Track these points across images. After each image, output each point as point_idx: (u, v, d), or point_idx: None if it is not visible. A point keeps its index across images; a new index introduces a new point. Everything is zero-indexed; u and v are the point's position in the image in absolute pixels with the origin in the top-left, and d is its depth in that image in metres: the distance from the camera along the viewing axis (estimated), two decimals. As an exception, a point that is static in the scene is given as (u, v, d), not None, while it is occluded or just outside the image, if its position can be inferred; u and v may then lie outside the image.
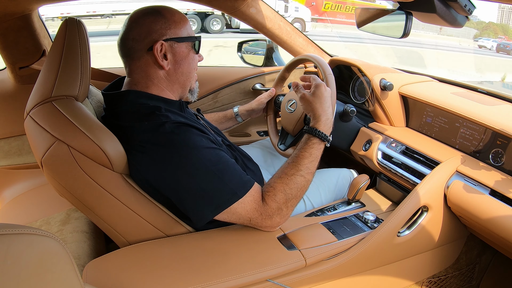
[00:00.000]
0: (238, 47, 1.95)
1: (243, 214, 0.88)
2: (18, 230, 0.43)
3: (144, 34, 0.91)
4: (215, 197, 0.84)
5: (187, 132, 0.86)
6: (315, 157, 0.97)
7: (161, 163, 0.83)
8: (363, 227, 1.03)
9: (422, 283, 1.20)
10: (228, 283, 0.79)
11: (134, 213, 0.88)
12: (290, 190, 0.91)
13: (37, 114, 0.83)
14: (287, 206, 0.91)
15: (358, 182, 1.12)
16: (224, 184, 0.84)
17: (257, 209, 0.88)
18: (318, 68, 1.53)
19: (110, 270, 0.80)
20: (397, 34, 1.08)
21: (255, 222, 0.90)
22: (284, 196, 0.90)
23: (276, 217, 0.90)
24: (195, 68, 1.02)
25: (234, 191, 0.85)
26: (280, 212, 0.90)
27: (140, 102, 0.92)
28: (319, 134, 0.99)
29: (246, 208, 0.87)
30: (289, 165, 0.95)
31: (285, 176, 0.93)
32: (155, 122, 0.85)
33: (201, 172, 0.84)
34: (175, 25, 0.93)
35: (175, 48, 0.94)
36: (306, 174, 0.94)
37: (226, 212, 0.86)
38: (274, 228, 0.94)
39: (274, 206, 0.89)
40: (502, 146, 1.02)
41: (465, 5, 0.85)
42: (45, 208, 1.23)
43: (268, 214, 0.89)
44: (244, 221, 0.90)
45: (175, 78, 0.97)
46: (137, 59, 0.93)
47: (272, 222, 0.90)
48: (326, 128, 1.01)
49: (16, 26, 1.26)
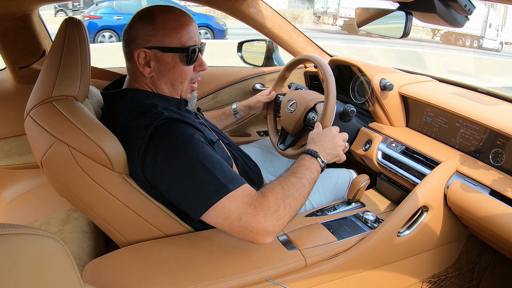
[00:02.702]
0: (238, 47, 1.95)
1: (233, 209, 0.79)
2: (18, 230, 0.43)
3: (132, 38, 0.92)
4: (205, 189, 0.80)
5: (179, 127, 0.85)
6: (312, 170, 0.95)
7: (155, 158, 0.83)
8: (363, 227, 1.04)
9: (422, 283, 1.20)
10: (228, 283, 0.79)
11: (134, 213, 0.88)
12: (287, 187, 0.87)
13: (37, 114, 0.83)
14: (285, 205, 0.83)
15: (358, 182, 1.12)
16: (214, 177, 0.80)
17: (250, 203, 0.80)
18: (318, 68, 1.53)
19: (110, 270, 0.80)
20: (397, 34, 1.07)
21: (246, 220, 0.79)
22: (282, 191, 0.85)
23: (271, 215, 0.80)
24: (185, 80, 0.97)
25: (224, 184, 0.80)
26: (278, 209, 0.81)
27: (138, 100, 0.93)
28: (312, 152, 0.99)
29: (237, 203, 0.80)
30: (285, 173, 0.94)
31: (282, 178, 0.91)
32: (149, 119, 0.85)
33: (191, 165, 0.81)
34: (164, 33, 0.89)
35: (159, 58, 0.91)
36: (302, 177, 0.91)
37: (215, 208, 0.79)
38: (267, 234, 0.81)
39: (272, 198, 0.82)
40: (502, 146, 1.02)
41: (465, 5, 0.85)
42: (45, 208, 1.23)
43: (263, 208, 0.80)
44: (234, 220, 0.80)
45: (160, 88, 0.96)
46: (128, 60, 0.95)
47: (267, 222, 0.79)
48: (323, 154, 1.01)
49: (16, 26, 1.26)
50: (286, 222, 0.84)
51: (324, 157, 1.01)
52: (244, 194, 0.82)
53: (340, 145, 1.08)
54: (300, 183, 0.89)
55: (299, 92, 1.35)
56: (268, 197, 0.82)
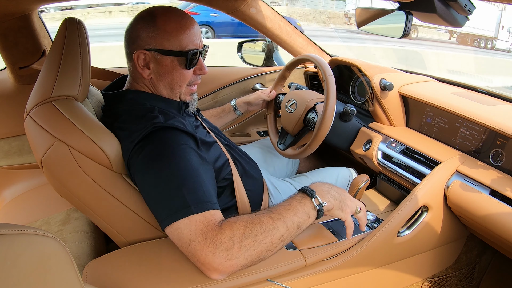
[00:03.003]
0: (238, 47, 1.95)
1: (186, 233, 0.74)
2: (18, 230, 0.43)
3: (133, 39, 0.91)
4: (170, 205, 0.76)
5: (169, 135, 0.83)
6: (296, 212, 0.81)
7: (135, 161, 0.82)
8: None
9: (422, 283, 1.20)
10: (228, 283, 0.79)
11: (134, 213, 0.88)
12: (252, 226, 0.76)
13: (37, 114, 0.83)
14: (240, 245, 0.73)
15: (358, 182, 1.12)
16: (181, 195, 0.76)
17: (204, 232, 0.73)
18: (318, 69, 1.53)
19: (110, 270, 0.80)
20: (397, 34, 1.07)
21: (194, 248, 0.73)
22: (243, 229, 0.74)
23: (221, 252, 0.72)
24: (183, 83, 0.96)
25: (188, 205, 0.75)
26: (231, 247, 0.72)
27: (137, 102, 0.93)
28: (307, 191, 0.85)
29: (191, 228, 0.74)
30: (265, 210, 0.83)
31: (254, 214, 0.81)
32: (142, 125, 0.84)
33: (165, 176, 0.78)
34: (164, 35, 0.88)
35: (159, 60, 0.91)
36: (277, 219, 0.78)
37: (172, 226, 0.75)
38: (213, 270, 0.73)
39: (227, 235, 0.73)
40: (502, 146, 1.02)
41: (465, 5, 0.85)
42: (45, 208, 1.23)
43: (214, 241, 0.72)
44: (183, 244, 0.74)
45: (159, 90, 0.96)
46: (128, 60, 0.95)
47: (214, 257, 0.72)
48: (324, 196, 0.86)
49: (16, 26, 1.26)
50: (240, 264, 0.74)
51: (324, 199, 0.84)
52: (203, 220, 0.75)
53: (350, 206, 0.90)
54: (271, 225, 0.77)
55: (299, 92, 1.35)
56: (224, 231, 0.73)
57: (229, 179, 1.00)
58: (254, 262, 0.77)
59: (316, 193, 0.85)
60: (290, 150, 1.32)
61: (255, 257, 0.76)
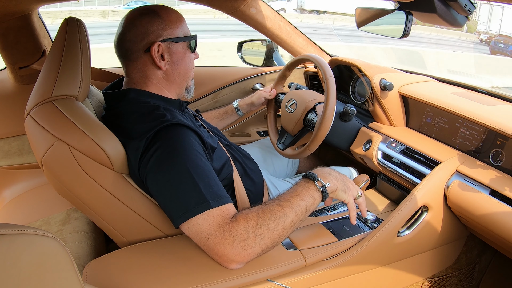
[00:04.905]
0: (238, 47, 1.95)
1: (204, 227, 0.77)
2: (18, 230, 0.43)
3: (141, 36, 0.91)
4: (186, 201, 0.78)
5: (179, 132, 0.84)
6: (302, 196, 0.85)
7: (148, 159, 0.82)
8: (363, 227, 1.04)
9: (422, 283, 1.20)
10: (228, 283, 0.79)
11: (134, 213, 0.88)
12: (264, 216, 0.80)
13: (38, 114, 0.83)
14: (255, 234, 0.77)
15: (358, 182, 1.12)
16: (199, 190, 0.79)
17: (221, 226, 0.77)
18: (318, 69, 1.53)
19: (110, 270, 0.80)
20: (397, 34, 1.08)
21: (212, 241, 0.77)
22: (256, 219, 0.79)
23: (239, 243, 0.76)
24: (192, 67, 1.02)
25: (206, 199, 0.78)
26: (247, 238, 0.77)
27: (140, 100, 0.93)
28: (310, 175, 0.89)
29: (209, 222, 0.77)
30: (272, 199, 0.88)
31: (264, 204, 0.85)
32: (151, 123, 0.85)
33: (180, 173, 0.80)
34: (171, 25, 0.94)
35: (172, 48, 0.95)
36: (286, 206, 0.83)
37: (189, 222, 0.78)
38: (231, 261, 0.78)
39: (242, 226, 0.77)
40: (502, 146, 1.02)
41: (465, 5, 0.85)
42: (45, 208, 1.23)
43: (231, 233, 0.76)
44: (202, 238, 0.78)
45: (173, 78, 0.98)
46: (134, 60, 0.94)
47: (232, 248, 0.76)
48: (326, 177, 0.90)
49: (16, 26, 1.26)
50: (256, 252, 0.78)
51: (326, 181, 0.88)
52: (220, 214, 0.78)
53: (351, 189, 0.94)
54: (281, 213, 0.81)
55: (299, 92, 1.35)
56: (239, 223, 0.78)
57: (230, 179, 1.00)
58: (269, 248, 0.81)
59: (318, 176, 0.89)
60: (289, 150, 1.32)
61: (269, 244, 0.80)
